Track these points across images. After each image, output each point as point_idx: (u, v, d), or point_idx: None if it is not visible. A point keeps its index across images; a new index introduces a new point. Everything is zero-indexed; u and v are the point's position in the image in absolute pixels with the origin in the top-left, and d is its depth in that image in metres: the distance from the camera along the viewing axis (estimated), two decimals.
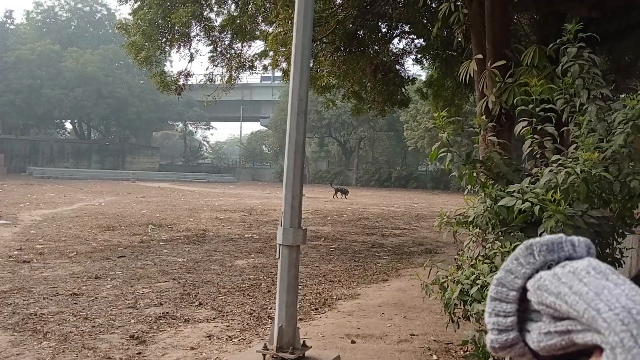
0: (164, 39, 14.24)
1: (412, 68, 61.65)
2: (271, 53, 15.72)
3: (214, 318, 6.14)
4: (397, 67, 14.97)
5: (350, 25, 9.73)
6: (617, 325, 0.46)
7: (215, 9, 14.24)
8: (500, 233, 4.26)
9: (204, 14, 14.07)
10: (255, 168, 71.29)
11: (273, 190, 39.03)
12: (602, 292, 0.49)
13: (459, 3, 5.95)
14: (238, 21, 13.66)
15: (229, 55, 15.43)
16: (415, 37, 14.00)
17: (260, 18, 14.41)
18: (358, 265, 9.71)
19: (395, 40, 14.14)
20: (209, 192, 33.55)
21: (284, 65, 15.74)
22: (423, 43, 13.93)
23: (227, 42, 15.25)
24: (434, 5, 9.62)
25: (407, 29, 12.45)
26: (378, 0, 9.67)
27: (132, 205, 20.68)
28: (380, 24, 12.14)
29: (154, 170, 59.89)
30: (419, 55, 15.63)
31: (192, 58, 15.45)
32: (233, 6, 14.37)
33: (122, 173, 51.65)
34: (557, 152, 4.04)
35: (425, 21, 11.12)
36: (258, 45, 17.21)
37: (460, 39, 6.33)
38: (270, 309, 6.60)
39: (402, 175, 53.36)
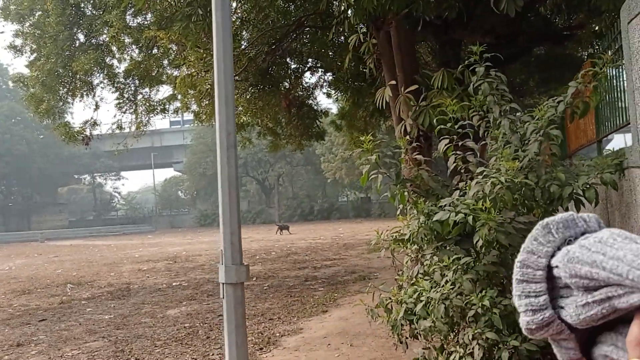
0: (65, 89, 13.73)
1: (325, 101, 62.79)
2: (180, 96, 15.56)
3: None
4: (310, 101, 15.29)
5: (262, 62, 9.86)
6: None
7: (117, 55, 13.91)
8: (436, 248, 4.38)
9: (106, 60, 13.71)
10: (173, 215, 69.24)
11: (195, 236, 38.04)
12: (639, 252, 0.51)
13: (367, 33, 6.19)
14: (143, 66, 13.41)
15: (136, 101, 15.08)
16: (324, 71, 14.39)
17: (166, 62, 14.26)
18: (295, 300, 9.60)
19: (307, 75, 14.46)
20: (126, 245, 32.10)
21: (194, 107, 15.60)
22: (332, 77, 14.33)
23: (133, 88, 14.93)
24: (342, 39, 9.96)
25: (316, 64, 12.76)
26: (287, 37, 9.88)
27: (45, 266, 19.36)
28: (290, 60, 12.37)
29: (63, 228, 56.68)
30: (329, 89, 16.06)
31: (97, 106, 14.99)
32: (136, 51, 14.10)
33: (29, 234, 48.36)
34: (480, 165, 4.26)
35: (332, 54, 11.45)
36: (166, 90, 16.96)
37: (371, 67, 6.57)
38: (212, 355, 6.36)
39: (324, 208, 53.90)
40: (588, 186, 3.66)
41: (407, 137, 4.63)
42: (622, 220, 3.86)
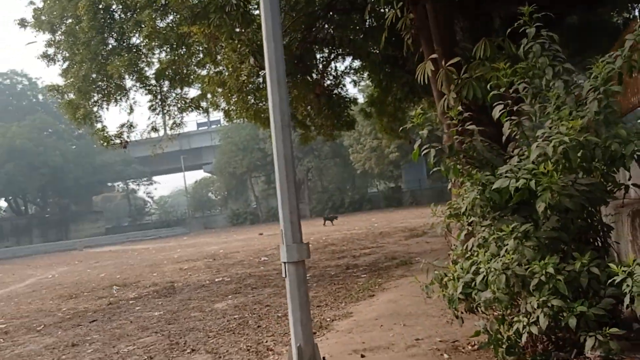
0: (100, 94, 13.95)
1: (352, 90, 62.56)
2: (209, 95, 15.68)
3: None
4: (339, 89, 15.22)
5: (295, 49, 9.84)
6: None
7: (148, 57, 14.04)
8: (494, 218, 4.30)
9: (138, 63, 13.87)
10: (206, 216, 70.10)
11: (229, 235, 38.44)
12: None
13: (404, 9, 6.10)
14: (174, 67, 13.53)
15: (168, 102, 15.26)
16: (352, 58, 14.30)
17: (194, 61, 14.37)
18: (340, 287, 9.59)
19: (335, 63, 14.39)
20: (164, 247, 32.61)
21: (223, 105, 15.70)
22: (362, 63, 14.24)
23: (165, 89, 15.10)
24: (373, 22, 9.87)
25: (346, 50, 12.68)
26: (318, 22, 9.82)
27: (87, 272, 19.79)
28: (322, 47, 12.32)
29: (100, 235, 57.89)
30: (357, 76, 15.98)
31: (131, 109, 15.19)
32: (165, 52, 14.20)
33: (68, 243, 49.47)
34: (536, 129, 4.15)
35: (362, 38, 11.36)
36: (193, 91, 17.05)
37: (409, 44, 6.48)
38: (266, 342, 6.39)
39: (355, 199, 53.83)
40: None
41: (458, 108, 4.52)
42: None
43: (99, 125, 14.42)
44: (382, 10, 7.21)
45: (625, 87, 6.02)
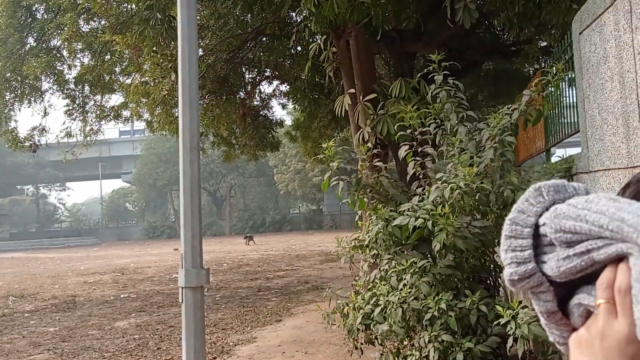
0: (13, 94, 13.22)
1: (279, 112, 62.70)
2: (132, 104, 15.24)
3: None
4: (265, 111, 15.27)
5: (220, 69, 9.78)
6: None
7: (68, 61, 13.49)
8: (394, 253, 4.44)
9: (57, 66, 13.29)
10: (120, 227, 67.25)
11: (143, 248, 37.12)
12: (621, 207, 0.55)
13: (327, 42, 6.27)
14: (95, 72, 13.06)
15: (87, 108, 14.68)
16: (280, 81, 14.41)
17: (118, 69, 13.96)
18: (248, 310, 9.50)
19: (263, 85, 14.44)
20: (71, 257, 30.96)
21: (146, 115, 15.31)
22: (288, 87, 14.37)
23: (84, 95, 14.53)
24: (299, 49, 10.03)
25: (273, 73, 12.78)
26: (245, 45, 9.86)
27: None
28: (248, 68, 12.34)
29: (4, 240, 54.10)
30: (284, 99, 16.10)
31: (46, 113, 14.50)
32: (88, 57, 13.71)
33: None
34: (437, 171, 4.36)
35: (290, 64, 11.50)
36: (117, 98, 16.49)
37: (330, 76, 6.64)
38: None
39: (276, 219, 53.63)
40: None
41: (368, 144, 4.68)
42: None
43: (11, 125, 13.63)
44: (307, 39, 7.36)
45: (526, 136, 6.46)
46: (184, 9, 3.53)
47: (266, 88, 26.12)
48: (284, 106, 17.87)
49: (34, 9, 11.70)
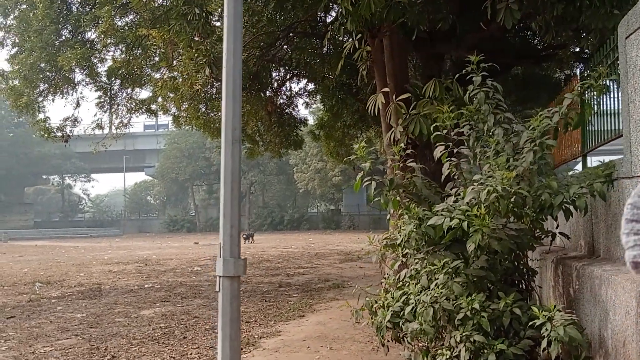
0: (47, 85, 13.49)
1: (303, 111, 63.01)
2: (159, 99, 15.44)
3: None
4: (291, 109, 15.37)
5: (253, 65, 9.89)
6: None
7: (102, 53, 13.72)
8: (427, 252, 4.46)
9: (91, 58, 13.53)
10: (142, 219, 68.13)
11: (164, 241, 37.54)
12: None
13: (361, 40, 6.29)
14: (129, 66, 13.28)
15: (118, 100, 14.92)
16: (307, 80, 14.48)
17: (148, 63, 14.15)
18: (270, 305, 9.58)
19: (290, 83, 14.53)
20: (94, 247, 31.48)
21: (173, 110, 15.50)
22: (315, 86, 14.44)
23: (116, 88, 14.77)
24: (331, 48, 10.07)
25: (302, 72, 12.85)
26: (277, 43, 9.94)
27: (10, 265, 18.84)
28: (278, 66, 12.43)
29: (28, 228, 55.20)
30: (310, 98, 16.17)
31: (78, 104, 14.76)
32: (120, 51, 13.93)
33: None
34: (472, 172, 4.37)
35: (319, 62, 11.55)
36: (145, 92, 16.70)
37: (363, 75, 6.67)
38: (190, 354, 6.30)
39: (295, 218, 53.84)
40: (579, 195, 3.79)
41: (401, 144, 4.71)
42: (607, 231, 4.00)
43: (41, 116, 13.93)
44: (340, 38, 7.39)
45: (560, 140, 6.41)
46: (231, 2, 3.60)
47: (293, 86, 26.28)
48: (308, 105, 17.94)
49: (70, 1, 11.94)
